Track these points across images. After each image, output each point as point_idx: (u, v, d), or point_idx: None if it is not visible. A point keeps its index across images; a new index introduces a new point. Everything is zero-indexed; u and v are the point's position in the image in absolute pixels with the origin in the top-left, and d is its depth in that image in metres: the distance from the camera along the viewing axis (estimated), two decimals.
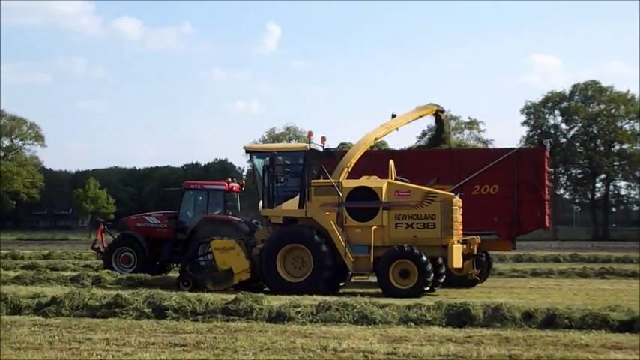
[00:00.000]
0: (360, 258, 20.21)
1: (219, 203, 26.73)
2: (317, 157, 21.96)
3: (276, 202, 21.33)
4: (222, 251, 21.04)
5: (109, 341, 11.88)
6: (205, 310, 14.69)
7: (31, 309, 15.24)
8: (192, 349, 11.24)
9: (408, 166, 22.29)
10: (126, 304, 15.03)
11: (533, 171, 23.68)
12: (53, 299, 15.53)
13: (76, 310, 15.03)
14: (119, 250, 26.21)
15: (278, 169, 21.49)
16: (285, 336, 12.34)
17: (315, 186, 20.85)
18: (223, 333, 12.71)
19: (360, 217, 20.46)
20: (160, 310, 14.73)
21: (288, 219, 21.14)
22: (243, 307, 14.62)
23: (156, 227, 26.61)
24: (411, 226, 20.17)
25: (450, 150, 25.31)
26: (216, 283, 20.71)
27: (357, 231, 20.41)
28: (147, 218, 27.27)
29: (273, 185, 21.40)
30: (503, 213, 23.48)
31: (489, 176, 23.67)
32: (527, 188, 23.61)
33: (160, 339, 12.10)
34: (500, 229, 23.43)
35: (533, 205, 23.66)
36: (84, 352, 11.05)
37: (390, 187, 20.49)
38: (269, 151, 21.77)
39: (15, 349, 11.21)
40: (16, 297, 15.81)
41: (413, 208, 20.18)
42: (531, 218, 23.74)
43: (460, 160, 24.28)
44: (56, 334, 12.49)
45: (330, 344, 11.50)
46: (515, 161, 23.70)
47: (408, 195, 20.31)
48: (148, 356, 10.74)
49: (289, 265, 20.61)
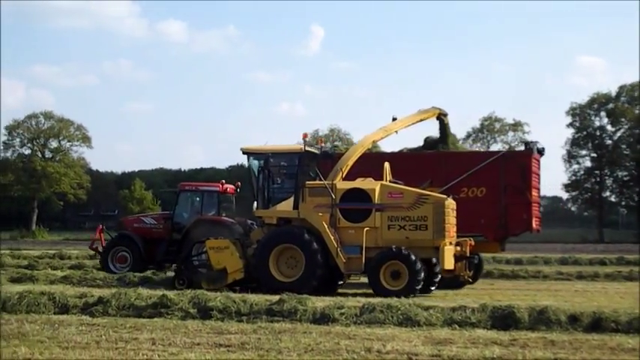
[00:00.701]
0: (352, 259, 20.41)
1: (214, 204, 27.17)
2: (313, 158, 22.26)
3: (272, 203, 21.61)
4: (216, 251, 21.36)
5: (154, 341, 11.99)
6: (250, 310, 14.76)
7: (78, 309, 15.41)
8: (237, 350, 11.30)
9: (401, 169, 22.35)
10: (171, 304, 15.15)
11: (520, 174, 23.83)
12: (100, 299, 15.71)
13: (122, 310, 15.18)
14: (115, 249, 26.85)
15: (274, 171, 21.74)
16: (329, 337, 12.36)
17: (309, 187, 21.07)
18: (268, 334, 12.75)
19: (353, 218, 20.68)
20: (205, 311, 14.83)
21: (283, 219, 21.43)
22: (288, 308, 14.68)
23: (152, 228, 27.26)
24: (403, 228, 20.37)
25: (439, 152, 25.34)
26: (210, 282, 20.89)
27: (350, 232, 20.63)
28: (144, 219, 28.09)
29: (268, 186, 21.66)
30: (491, 215, 23.66)
31: (477, 179, 23.83)
32: (514, 191, 23.77)
33: (204, 339, 12.18)
34: (487, 232, 23.53)
35: (520, 208, 23.79)
36: (130, 351, 11.15)
37: (383, 189, 20.69)
38: (264, 153, 21.85)
39: (63, 348, 11.35)
40: (63, 297, 16.00)
41: (405, 210, 20.39)
42: (518, 221, 23.92)
43: (449, 163, 24.41)
44: (103, 334, 12.62)
45: (374, 346, 11.49)
46: (502, 164, 23.91)
47: (400, 197, 20.53)
48: (194, 356, 10.82)
49: (283, 265, 20.89)
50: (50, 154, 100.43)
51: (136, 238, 26.73)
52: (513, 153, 24.74)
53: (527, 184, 23.86)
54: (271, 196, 21.69)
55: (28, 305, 15.38)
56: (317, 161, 22.50)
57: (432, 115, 24.84)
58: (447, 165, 24.22)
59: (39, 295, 15.95)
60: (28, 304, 15.41)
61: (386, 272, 20.02)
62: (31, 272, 24.00)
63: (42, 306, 15.41)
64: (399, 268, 19.93)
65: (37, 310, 15.22)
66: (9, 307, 15.34)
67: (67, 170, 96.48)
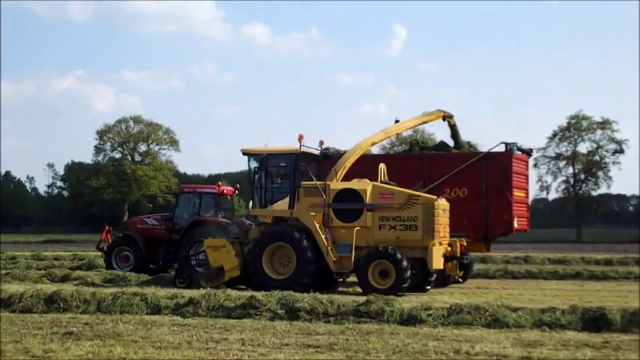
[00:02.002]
0: (343, 258, 20.77)
1: (212, 205, 27.97)
2: (312, 159, 22.55)
3: (269, 203, 21.99)
4: (213, 250, 21.92)
5: (244, 342, 12.15)
6: (337, 312, 14.83)
7: (169, 309, 15.72)
8: (326, 351, 11.38)
9: (388, 170, 22.54)
10: (260, 305, 15.34)
11: (501, 175, 24.01)
12: (190, 300, 15.98)
13: (212, 310, 15.43)
14: (119, 249, 27.95)
15: (272, 171, 22.09)
16: (417, 339, 12.34)
17: (304, 187, 21.48)
18: (355, 335, 12.82)
19: (346, 218, 21.08)
20: (293, 312, 14.96)
21: (279, 218, 21.83)
22: (375, 309, 14.70)
23: (154, 228, 28.13)
24: (394, 228, 20.74)
25: (423, 154, 25.67)
26: (208, 280, 21.46)
27: (342, 231, 21.03)
28: (146, 220, 28.94)
29: (264, 186, 22.08)
30: (472, 216, 23.81)
31: (459, 180, 24.07)
32: (495, 191, 23.96)
33: (293, 340, 12.31)
34: (470, 232, 23.40)
35: (501, 208, 23.97)
36: (221, 352, 11.34)
37: (375, 190, 21.04)
38: (262, 154, 22.24)
39: (156, 348, 11.61)
40: (155, 298, 16.36)
41: (396, 210, 20.72)
42: (499, 221, 24.09)
43: (432, 164, 24.71)
44: (194, 334, 12.85)
45: (462, 348, 11.45)
46: (483, 165, 24.09)
47: (391, 197, 20.86)
48: (283, 357, 10.94)
49: (276, 263, 21.36)
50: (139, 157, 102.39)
51: (138, 238, 27.78)
52: (494, 154, 24.57)
53: (507, 184, 24.01)
54: (268, 195, 22.11)
55: (121, 306, 15.77)
56: (317, 162, 22.86)
57: (436, 117, 25.12)
58: (431, 166, 24.62)
59: (131, 295, 16.35)
60: (121, 305, 15.80)
61: (374, 271, 20.37)
62: (123, 274, 24.52)
63: (135, 306, 15.78)
64: (387, 267, 20.25)
65: (130, 310, 15.61)
66: (103, 308, 15.77)
67: (156, 173, 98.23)
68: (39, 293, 16.68)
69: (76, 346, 11.58)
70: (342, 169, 22.08)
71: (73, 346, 11.58)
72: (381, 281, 20.24)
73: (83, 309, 15.82)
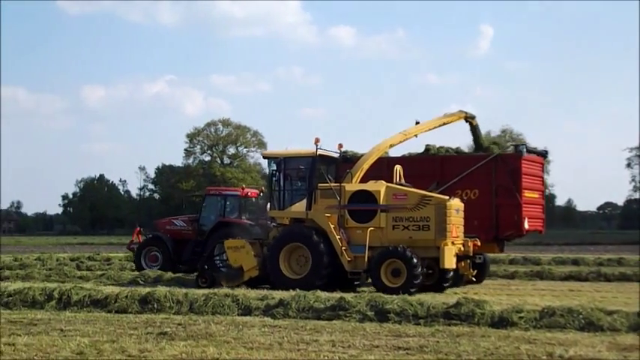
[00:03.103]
0: (357, 257, 21.23)
1: (236, 207, 28.73)
2: (331, 162, 23.30)
3: (288, 204, 22.60)
4: (234, 250, 22.53)
5: (334, 343, 12.19)
6: (427, 314, 14.76)
7: (260, 310, 15.89)
8: (416, 353, 11.36)
9: (407, 172, 22.97)
10: (349, 307, 15.37)
11: (510, 176, 24.36)
12: (281, 301, 16.12)
13: (302, 312, 15.55)
14: (148, 249, 29.02)
15: (290, 173, 22.76)
16: (508, 342, 12.20)
17: (321, 189, 21.95)
18: (446, 337, 12.74)
19: (360, 218, 21.53)
20: (382, 314, 14.94)
21: (297, 220, 22.36)
22: (465, 311, 14.58)
23: (182, 229, 29.16)
24: (407, 228, 21.13)
25: (436, 156, 25.97)
26: (228, 280, 22.25)
27: (357, 232, 21.46)
28: (175, 221, 29.88)
29: (281, 188, 22.73)
30: (483, 217, 24.15)
31: (471, 181, 24.54)
32: (505, 193, 24.33)
33: (383, 342, 12.29)
34: (480, 233, 23.35)
35: (511, 210, 24.33)
36: (311, 353, 11.41)
37: (388, 191, 21.47)
38: (279, 157, 22.96)
39: (248, 348, 11.74)
40: (246, 299, 16.57)
41: (409, 211, 21.13)
42: (509, 222, 24.43)
43: (445, 166, 25.20)
44: (285, 335, 12.95)
45: (556, 351, 11.27)
46: (493, 167, 24.51)
47: (404, 198, 21.25)
48: (373, 358, 10.97)
49: (294, 263, 21.94)
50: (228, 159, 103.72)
51: (166, 239, 28.72)
52: (503, 156, 24.97)
53: (517, 186, 24.32)
54: (287, 197, 22.71)
55: (213, 307, 16.04)
56: (336, 165, 23.51)
57: (457, 118, 25.34)
58: (444, 168, 25.09)
59: (223, 297, 16.61)
60: (213, 306, 16.07)
61: (387, 270, 20.69)
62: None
63: (226, 307, 16.03)
64: (399, 266, 20.56)
65: (222, 311, 15.85)
66: (196, 309, 16.06)
67: (245, 175, 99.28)
68: (133, 294, 17.09)
69: (171, 346, 11.81)
70: (359, 171, 22.56)
71: (167, 346, 11.81)
72: (394, 280, 20.58)
73: (176, 309, 16.14)
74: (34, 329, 13.80)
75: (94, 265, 33.43)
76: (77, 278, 25.98)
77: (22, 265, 32.43)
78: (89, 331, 13.56)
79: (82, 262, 35.60)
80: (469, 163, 24.97)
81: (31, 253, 45.49)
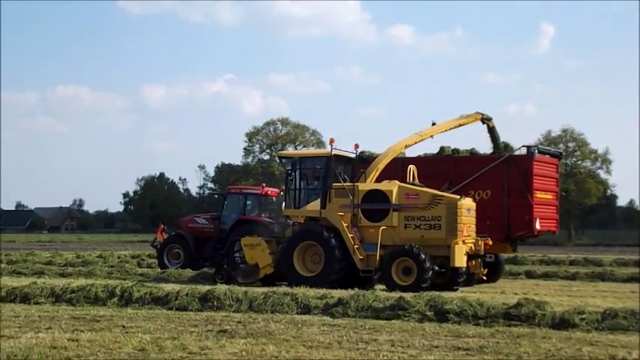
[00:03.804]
0: (370, 256, 21.62)
1: (256, 206, 29.35)
2: (346, 162, 23.72)
3: (303, 203, 23.12)
4: (250, 248, 23.19)
5: (393, 343, 12.16)
6: (487, 314, 14.65)
7: (319, 309, 15.91)
8: (476, 354, 11.28)
9: (421, 172, 23.40)
10: (408, 306, 15.31)
11: (522, 177, 24.81)
12: (339, 300, 16.12)
13: (361, 311, 15.51)
14: (170, 247, 29.81)
15: (305, 173, 23.28)
16: (570, 343, 12.06)
17: (335, 188, 22.37)
18: (506, 338, 12.62)
19: (373, 217, 21.96)
20: (442, 314, 14.86)
21: (311, 218, 22.85)
22: (525, 312, 14.44)
23: (204, 227, 29.77)
24: (418, 227, 21.57)
25: (450, 157, 26.43)
26: (244, 277, 22.86)
27: (370, 231, 21.89)
28: (197, 219, 30.58)
29: (295, 187, 23.30)
30: (495, 217, 24.50)
31: (483, 182, 24.92)
32: (516, 193, 24.76)
33: (442, 342, 12.23)
34: (492, 232, 23.68)
35: (522, 210, 24.73)
36: (370, 352, 11.39)
37: (400, 190, 21.90)
38: (294, 157, 23.77)
39: (307, 347, 11.77)
40: (305, 297, 16.63)
41: (421, 210, 21.57)
42: (520, 222, 24.85)
43: (458, 166, 25.67)
44: (344, 334, 12.95)
45: (619, 354, 11.12)
46: (505, 168, 24.93)
47: (416, 197, 21.72)
48: (433, 359, 10.92)
49: (308, 261, 22.38)
50: None
51: (188, 236, 29.41)
52: (515, 157, 25.27)
53: (528, 186, 24.70)
54: (303, 196, 23.23)
55: (272, 305, 16.12)
56: (353, 165, 23.93)
57: (474, 120, 25.73)
58: (457, 169, 25.54)
59: (282, 295, 16.70)
60: (272, 304, 16.15)
61: (398, 268, 21.13)
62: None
63: (285, 306, 16.09)
64: (409, 264, 20.99)
65: (281, 310, 15.91)
66: (255, 307, 16.16)
67: None
68: (194, 292, 17.26)
69: (231, 344, 11.88)
70: (374, 172, 23.08)
71: (227, 344, 11.89)
72: (405, 278, 21.00)
73: (236, 307, 16.26)
74: (97, 325, 14.02)
75: (154, 262, 33.83)
76: (138, 275, 26.33)
77: (85, 262, 33.03)
78: (150, 327, 13.73)
79: (143, 260, 36.14)
80: (482, 164, 25.42)
81: (92, 251, 46.33)
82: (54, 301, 17.63)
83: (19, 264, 31.38)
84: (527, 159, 25.03)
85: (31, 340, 12.19)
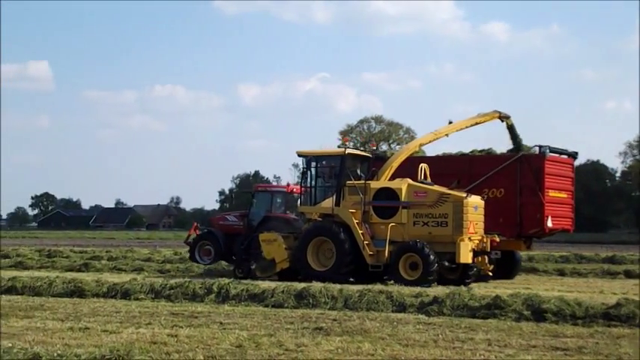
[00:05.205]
0: (380, 252, 22.28)
1: (282, 203, 30.19)
2: (362, 160, 24.60)
3: (319, 200, 23.82)
4: (267, 243, 23.91)
5: (490, 342, 12.07)
6: (585, 314, 14.41)
7: (414, 307, 15.88)
8: (575, 354, 11.11)
9: (431, 171, 23.78)
10: (505, 305, 15.17)
11: (534, 176, 25.16)
12: (435, 299, 16.07)
13: (457, 310, 15.42)
14: (201, 244, 30.52)
15: (321, 171, 24.07)
16: None
17: (348, 186, 23.10)
18: (605, 339, 12.42)
19: (383, 214, 22.66)
20: (539, 313, 14.67)
21: (326, 215, 23.48)
22: (625, 312, 14.16)
23: (234, 225, 30.42)
24: (426, 224, 22.22)
25: (464, 156, 26.83)
26: (262, 271, 23.64)
27: (381, 227, 22.57)
28: (227, 217, 31.59)
29: (311, 185, 24.09)
30: (508, 215, 25.01)
31: (497, 180, 25.35)
32: (529, 192, 25.17)
33: (540, 342, 12.09)
34: (505, 230, 24.36)
35: (534, 208, 25.13)
36: (467, 351, 11.34)
37: (410, 188, 22.54)
38: (310, 155, 24.17)
39: (403, 345, 11.77)
40: (400, 295, 16.62)
41: (429, 208, 22.20)
42: (531, 220, 25.23)
43: (472, 165, 26.06)
44: (439, 333, 12.92)
45: None
46: (518, 167, 25.37)
47: (424, 195, 22.35)
48: (530, 358, 10.80)
49: (321, 256, 23.15)
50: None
51: (218, 234, 30.20)
52: (528, 156, 25.49)
53: (540, 185, 25.05)
54: (319, 194, 23.96)
55: (367, 303, 16.16)
56: (369, 163, 24.59)
57: (491, 118, 26.13)
58: (472, 167, 25.97)
59: (377, 293, 16.73)
60: (367, 302, 16.19)
61: (405, 264, 21.82)
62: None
63: (380, 304, 16.11)
64: (416, 260, 21.66)
65: (376, 307, 15.94)
66: (350, 305, 16.23)
67: None
68: (289, 289, 17.44)
69: (326, 341, 11.97)
70: (388, 170, 23.88)
71: (323, 341, 11.98)
72: (411, 273, 21.66)
73: (331, 305, 16.34)
74: (195, 322, 14.31)
75: None
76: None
77: (182, 259, 33.62)
78: (247, 324, 13.94)
79: None
80: (495, 163, 25.87)
81: None
82: (153, 297, 18.07)
83: (119, 260, 32.30)
84: (539, 158, 25.47)
85: (132, 336, 12.53)
